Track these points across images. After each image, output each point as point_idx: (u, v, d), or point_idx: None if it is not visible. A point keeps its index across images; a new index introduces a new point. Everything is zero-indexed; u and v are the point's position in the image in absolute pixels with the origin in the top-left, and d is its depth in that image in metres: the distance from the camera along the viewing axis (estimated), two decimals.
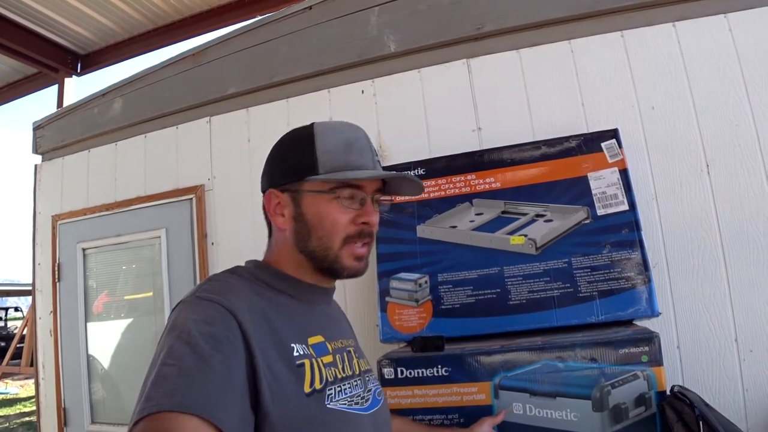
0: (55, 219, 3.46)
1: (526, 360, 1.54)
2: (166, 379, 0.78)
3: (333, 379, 1.00)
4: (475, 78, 2.40)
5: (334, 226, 1.05)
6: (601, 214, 1.93)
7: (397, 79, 2.54)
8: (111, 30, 4.80)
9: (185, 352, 0.81)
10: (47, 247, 3.48)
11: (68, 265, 3.38)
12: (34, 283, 3.57)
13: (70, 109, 3.64)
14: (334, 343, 1.10)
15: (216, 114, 2.96)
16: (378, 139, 2.51)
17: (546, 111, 2.28)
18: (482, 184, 2.12)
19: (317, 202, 1.06)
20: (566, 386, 1.49)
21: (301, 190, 1.07)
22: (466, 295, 1.96)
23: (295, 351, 0.95)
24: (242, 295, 0.96)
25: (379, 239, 2.16)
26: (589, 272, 1.86)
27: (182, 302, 0.94)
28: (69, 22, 4.65)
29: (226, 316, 0.88)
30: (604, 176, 1.98)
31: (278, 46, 2.79)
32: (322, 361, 1.01)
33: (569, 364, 1.51)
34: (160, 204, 3.06)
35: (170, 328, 0.88)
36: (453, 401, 1.57)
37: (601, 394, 1.45)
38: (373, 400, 1.11)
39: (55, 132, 3.63)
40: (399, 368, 1.64)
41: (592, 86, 2.24)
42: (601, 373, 1.47)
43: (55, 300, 3.39)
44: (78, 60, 5.23)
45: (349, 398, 1.02)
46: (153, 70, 3.22)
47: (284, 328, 0.97)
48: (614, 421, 1.43)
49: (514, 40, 2.36)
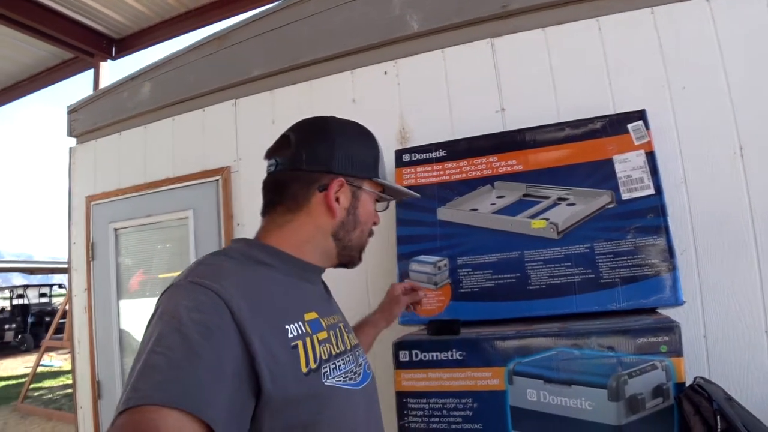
0: (89, 200, 3.55)
1: (541, 346, 1.51)
2: (154, 369, 0.77)
3: (327, 357, 1.02)
4: (499, 58, 2.34)
5: (370, 224, 1.23)
6: (626, 198, 1.87)
7: (420, 59, 2.50)
8: (143, 14, 4.84)
9: (175, 341, 0.80)
10: (81, 227, 3.58)
11: (101, 244, 3.47)
12: (70, 261, 3.66)
13: (101, 93, 3.71)
14: (327, 319, 1.11)
15: (241, 96, 2.97)
16: (400, 121, 2.48)
17: (572, 91, 2.21)
18: (504, 166, 2.08)
19: (369, 201, 1.20)
20: (582, 374, 1.46)
21: (362, 187, 1.17)
22: (486, 278, 1.94)
23: (290, 332, 0.95)
24: (236, 278, 0.95)
25: (399, 221, 2.15)
26: (611, 258, 1.80)
27: (173, 286, 0.93)
28: (103, 7, 4.72)
29: (219, 303, 0.86)
30: (629, 159, 1.91)
31: (301, 28, 2.78)
32: (317, 338, 1.02)
33: (585, 351, 1.47)
34: (187, 185, 3.10)
35: (161, 313, 0.87)
36: (467, 385, 1.56)
37: (618, 383, 1.41)
38: (364, 374, 1.15)
39: (88, 115, 3.70)
40: (414, 351, 1.64)
41: (619, 66, 2.16)
42: (619, 362, 1.43)
43: (89, 278, 3.49)
44: (112, 44, 5.30)
45: (343, 374, 1.05)
46: (179, 54, 3.26)
47: (279, 308, 0.98)
48: (630, 412, 1.40)
49: (539, 18, 2.29)
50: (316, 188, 1.11)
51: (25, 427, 8.36)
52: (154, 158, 3.28)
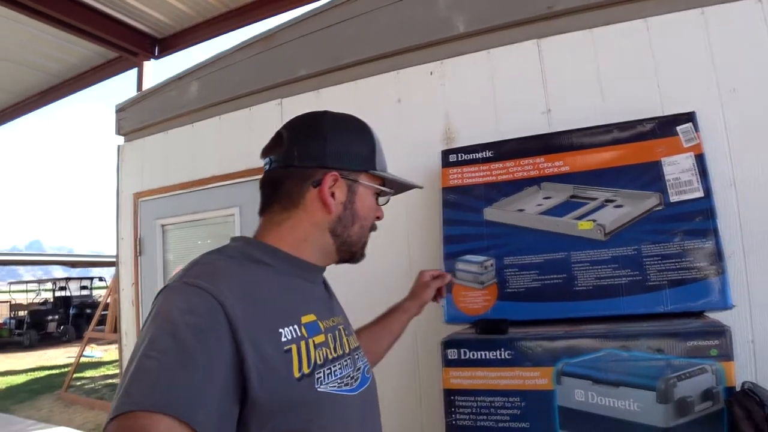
0: (137, 197, 3.64)
1: (590, 347, 1.53)
2: (146, 374, 0.78)
3: (323, 361, 1.00)
4: (545, 58, 2.34)
5: (371, 220, 1.19)
6: (674, 200, 1.86)
7: (466, 60, 2.50)
8: (186, 14, 4.92)
9: (168, 344, 0.80)
10: (129, 223, 3.68)
11: (148, 239, 3.57)
12: (118, 256, 3.77)
13: (149, 92, 3.80)
14: (326, 321, 1.09)
15: (287, 96, 3.01)
16: (446, 121, 2.50)
17: (619, 93, 2.20)
18: (551, 167, 2.08)
19: (368, 195, 1.17)
20: (630, 376, 1.46)
21: (358, 181, 1.13)
22: (532, 279, 1.95)
23: (284, 336, 0.94)
24: (231, 279, 0.94)
25: (445, 221, 2.18)
26: (659, 260, 1.80)
27: (168, 288, 0.93)
28: (146, 7, 4.80)
29: (213, 305, 0.86)
30: (678, 161, 1.91)
31: (347, 28, 2.81)
32: (314, 342, 1.00)
33: (634, 353, 1.48)
34: (234, 183, 3.16)
35: (154, 315, 0.87)
36: (514, 385, 1.58)
37: (666, 386, 1.42)
38: (362, 378, 1.13)
39: (135, 114, 3.80)
40: (462, 349, 1.66)
41: (668, 67, 2.13)
42: (668, 364, 1.44)
43: (136, 272, 3.59)
44: (155, 44, 5.40)
45: (339, 380, 1.03)
46: (226, 54, 3.31)
47: (275, 310, 0.97)
48: (679, 414, 1.40)
49: (586, 18, 2.28)
50: (310, 184, 1.09)
51: (69, 415, 8.56)
52: (201, 156, 3.35)
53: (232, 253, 1.04)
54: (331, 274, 1.28)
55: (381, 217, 1.23)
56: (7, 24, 4.94)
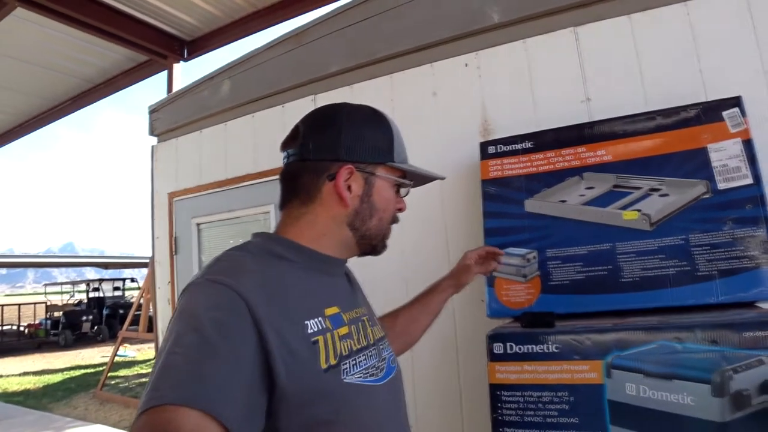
0: (171, 196, 3.67)
1: (640, 339, 1.48)
2: (173, 370, 0.79)
3: (348, 353, 1.01)
4: (582, 46, 2.29)
5: (390, 212, 1.17)
6: (722, 188, 1.81)
7: (502, 50, 2.47)
8: (213, 15, 4.95)
9: (193, 340, 0.82)
10: (164, 223, 3.71)
11: (184, 238, 3.59)
12: (153, 255, 3.81)
13: (181, 92, 3.82)
14: (349, 313, 1.10)
15: (320, 92, 3.01)
16: (483, 113, 2.46)
17: (660, 79, 2.14)
18: (593, 157, 2.04)
19: (386, 187, 1.15)
20: (684, 368, 1.42)
21: (375, 173, 1.12)
22: (576, 271, 1.92)
23: (309, 328, 0.95)
24: (253, 274, 0.95)
25: (486, 214, 2.15)
26: (708, 250, 1.75)
27: (192, 284, 0.94)
28: (174, 10, 4.85)
29: (236, 300, 0.87)
30: (725, 147, 1.85)
31: (380, 22, 2.79)
32: (338, 333, 1.01)
33: (687, 345, 1.44)
34: (268, 180, 3.16)
35: (179, 313, 0.88)
36: (563, 379, 1.54)
37: (722, 378, 1.37)
38: (388, 368, 1.13)
39: (168, 114, 3.83)
40: (508, 344, 1.63)
41: (711, 51, 2.07)
42: (722, 356, 1.39)
43: (172, 271, 3.62)
44: (184, 46, 5.47)
45: (364, 370, 1.03)
46: (257, 52, 3.32)
47: (299, 303, 0.98)
48: (735, 408, 1.35)
49: (624, 4, 2.23)
50: (326, 178, 1.08)
51: (105, 413, 8.72)
52: (235, 154, 3.37)
53: (254, 249, 1.05)
54: (368, 269, 1.26)
55: (403, 209, 1.21)
56: (38, 30, 5.04)
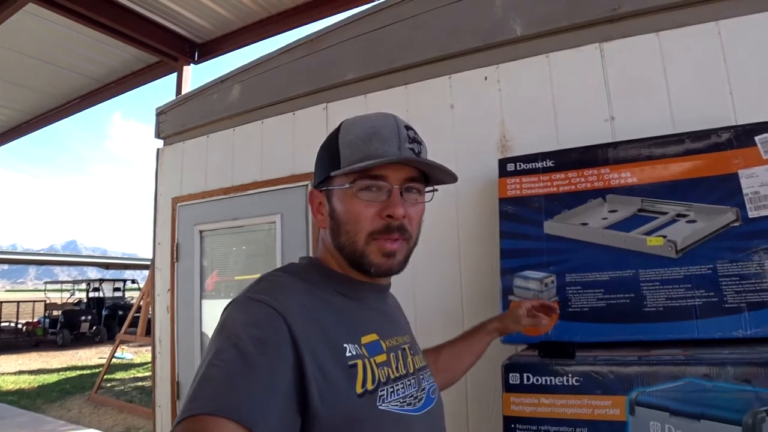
0: (175, 201, 3.61)
1: (667, 375, 1.39)
2: (211, 381, 0.80)
3: (386, 380, 1.00)
4: (608, 63, 2.22)
5: (357, 221, 1.03)
6: (753, 216, 1.73)
7: (523, 64, 2.40)
8: (226, 19, 4.94)
9: (232, 355, 0.83)
10: (167, 228, 3.64)
11: (186, 246, 3.52)
12: (154, 261, 3.74)
13: (190, 95, 3.76)
14: (388, 341, 1.08)
15: (332, 101, 2.94)
16: (501, 128, 2.39)
17: (687, 100, 2.07)
18: (617, 178, 1.96)
19: (343, 197, 1.06)
20: (713, 408, 1.33)
21: (331, 187, 1.08)
22: (597, 298, 1.82)
23: (348, 351, 0.95)
24: (294, 295, 0.97)
25: (502, 234, 2.06)
26: (737, 281, 1.66)
27: (234, 302, 0.96)
28: (187, 12, 4.83)
29: (276, 318, 0.89)
30: (757, 174, 1.77)
31: (398, 30, 2.72)
32: (375, 361, 1.00)
33: (718, 384, 1.35)
34: (276, 189, 3.09)
35: (220, 329, 0.90)
36: (583, 414, 1.45)
37: (755, 420, 1.28)
38: (427, 398, 1.10)
39: (176, 117, 3.76)
40: (525, 374, 1.54)
41: (742, 72, 1.99)
42: (756, 396, 1.30)
43: (172, 279, 3.55)
44: (195, 48, 5.44)
45: (401, 399, 1.01)
46: (269, 58, 3.26)
47: (336, 328, 0.97)
48: None
49: (653, 21, 2.16)
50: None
51: (99, 417, 8.67)
52: (242, 161, 3.30)
53: (296, 270, 1.08)
54: None
55: (394, 215, 1.02)
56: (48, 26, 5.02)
